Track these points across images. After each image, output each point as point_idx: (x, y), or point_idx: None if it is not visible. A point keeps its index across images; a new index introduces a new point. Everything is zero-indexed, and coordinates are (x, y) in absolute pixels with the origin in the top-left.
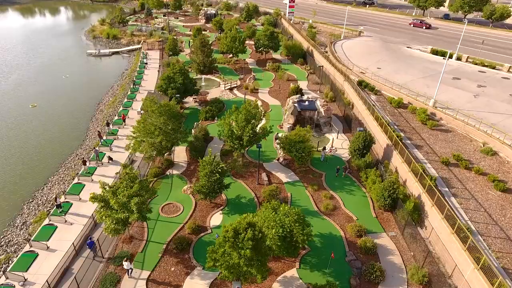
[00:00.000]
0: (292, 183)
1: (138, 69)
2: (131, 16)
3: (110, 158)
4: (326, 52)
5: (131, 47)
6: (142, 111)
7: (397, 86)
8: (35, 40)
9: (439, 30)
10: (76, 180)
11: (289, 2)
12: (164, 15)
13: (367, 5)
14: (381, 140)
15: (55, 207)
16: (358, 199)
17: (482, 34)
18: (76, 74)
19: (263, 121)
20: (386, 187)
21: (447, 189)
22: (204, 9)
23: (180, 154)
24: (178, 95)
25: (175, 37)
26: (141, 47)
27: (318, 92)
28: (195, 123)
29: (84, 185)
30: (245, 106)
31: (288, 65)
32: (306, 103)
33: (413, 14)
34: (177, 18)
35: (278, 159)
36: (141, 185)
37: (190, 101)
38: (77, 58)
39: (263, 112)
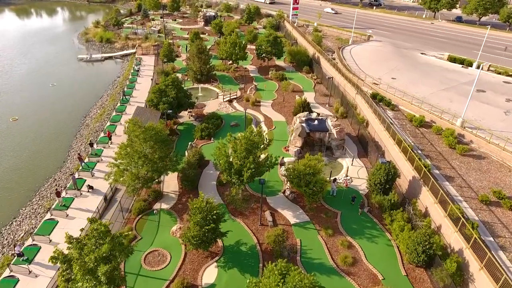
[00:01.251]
0: (302, 225)
1: (130, 77)
2: (127, 18)
3: (90, 187)
4: (334, 59)
5: (125, 52)
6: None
7: (417, 100)
8: (25, 44)
9: (453, 34)
10: (48, 216)
11: (293, 4)
12: (161, 17)
13: (374, 7)
14: (406, 170)
15: (15, 256)
16: (383, 248)
17: (503, 39)
18: (64, 81)
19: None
20: (420, 240)
21: (491, 238)
22: (203, 11)
23: (170, 182)
24: (171, 111)
25: (171, 41)
26: (136, 52)
27: (327, 106)
28: (189, 144)
29: (57, 222)
30: (246, 134)
31: (292, 73)
32: (316, 122)
33: (423, 16)
34: (175, 20)
35: (284, 192)
36: (113, 244)
37: (185, 115)
38: (67, 63)
39: (267, 141)
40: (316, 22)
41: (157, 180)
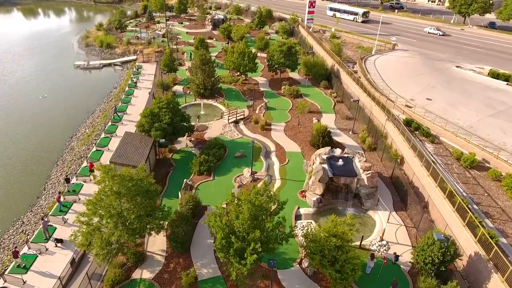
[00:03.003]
0: None
1: (127, 88)
2: (131, 21)
3: (58, 240)
4: (356, 71)
5: (125, 58)
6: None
7: (463, 130)
8: (24, 48)
9: (487, 43)
10: (1, 283)
11: (308, 7)
12: (167, 20)
13: (396, 10)
14: (463, 240)
15: None
16: None
17: None
18: (56, 93)
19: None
20: None
21: None
22: (211, 13)
23: (157, 238)
24: (163, 140)
25: (175, 47)
26: (136, 59)
27: (350, 132)
28: (184, 181)
29: None
30: (249, 196)
31: (308, 88)
32: (340, 162)
33: (451, 21)
34: (181, 23)
35: (299, 262)
36: None
37: (183, 140)
38: (63, 71)
39: (278, 202)
40: (334, 28)
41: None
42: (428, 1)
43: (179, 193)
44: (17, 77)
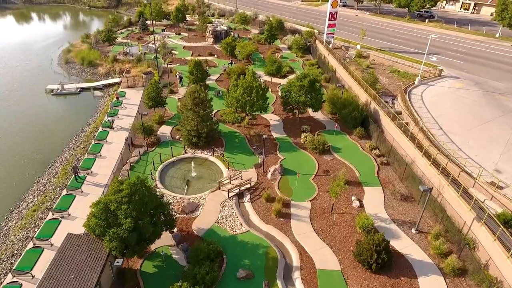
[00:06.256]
0: None
1: (100, 129)
2: (122, 31)
3: None
4: (399, 113)
5: (107, 81)
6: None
7: None
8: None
9: None
10: None
11: (329, 19)
12: (163, 30)
13: (426, 20)
14: None
15: None
16: None
17: None
18: (15, 133)
19: None
20: None
21: None
22: (213, 23)
23: None
24: (119, 263)
25: (167, 65)
26: (121, 82)
27: (413, 230)
28: None
29: None
30: None
31: (337, 136)
32: None
33: (497, 35)
34: (179, 34)
35: None
36: None
37: (164, 236)
38: (31, 97)
39: None
40: (359, 45)
41: None
42: (461, 9)
43: None
44: None
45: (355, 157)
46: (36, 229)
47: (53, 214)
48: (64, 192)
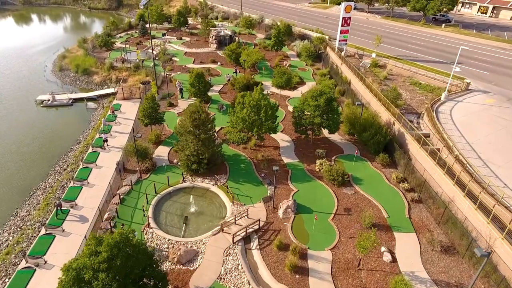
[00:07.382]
0: None
1: (90, 150)
2: (121, 34)
3: None
4: (428, 136)
5: (102, 91)
6: None
7: None
8: None
9: None
10: None
11: (341, 25)
12: (164, 34)
13: (443, 24)
14: None
15: None
16: None
17: None
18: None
19: None
20: None
21: None
22: (217, 27)
23: None
24: None
25: (165, 73)
26: (116, 93)
27: None
28: None
29: None
30: None
31: (358, 163)
32: None
33: None
34: (181, 38)
35: None
36: None
37: None
38: (18, 111)
39: None
40: (375, 52)
41: None
42: (478, 12)
43: None
44: None
45: (380, 191)
46: (6, 280)
47: (26, 262)
48: (43, 231)
